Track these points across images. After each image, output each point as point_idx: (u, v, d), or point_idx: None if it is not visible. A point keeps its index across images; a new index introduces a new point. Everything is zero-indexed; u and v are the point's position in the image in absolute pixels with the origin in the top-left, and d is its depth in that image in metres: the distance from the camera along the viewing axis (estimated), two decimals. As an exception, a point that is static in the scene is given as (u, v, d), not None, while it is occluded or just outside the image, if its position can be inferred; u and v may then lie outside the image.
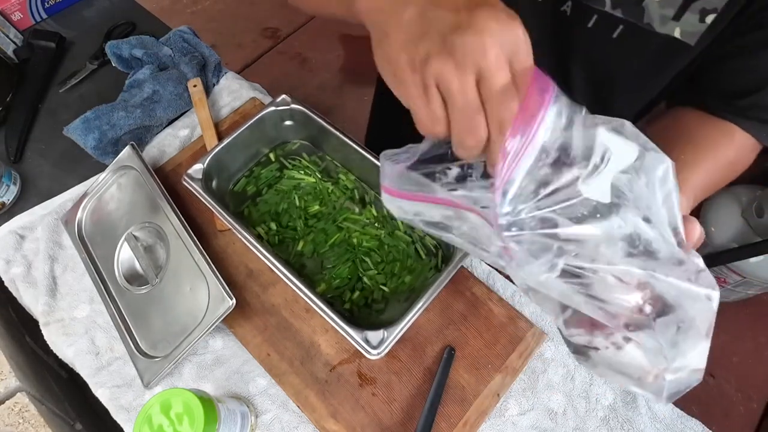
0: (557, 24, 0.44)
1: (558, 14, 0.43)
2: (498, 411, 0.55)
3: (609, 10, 0.40)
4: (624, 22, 0.40)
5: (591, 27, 0.42)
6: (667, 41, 0.40)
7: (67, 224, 0.66)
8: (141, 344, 0.57)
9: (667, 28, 0.39)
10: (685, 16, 0.38)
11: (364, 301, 0.59)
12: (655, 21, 0.39)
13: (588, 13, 0.41)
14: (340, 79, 2.04)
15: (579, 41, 0.44)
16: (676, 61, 0.42)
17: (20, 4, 0.86)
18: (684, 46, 0.39)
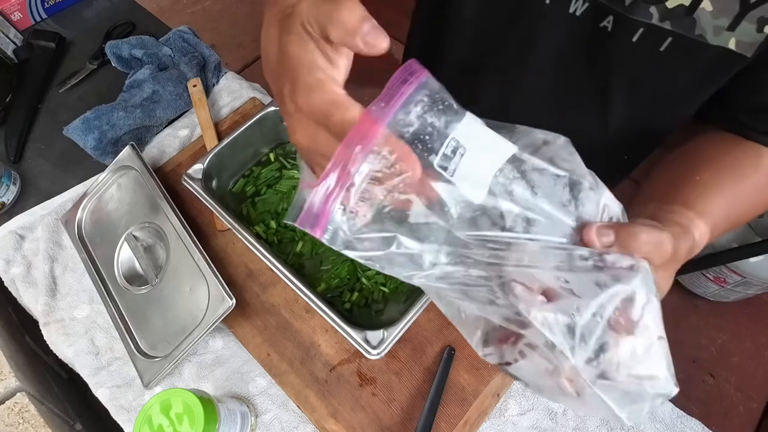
0: (597, 41, 0.42)
1: (598, 31, 0.41)
2: (498, 411, 0.55)
3: (657, 23, 0.38)
4: (673, 34, 0.38)
5: (636, 41, 0.40)
6: (720, 53, 0.37)
7: (67, 224, 0.66)
8: (141, 344, 0.57)
9: (720, 40, 0.37)
10: (741, 26, 0.35)
11: (364, 302, 0.59)
12: (708, 32, 0.37)
13: (633, 27, 0.39)
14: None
15: (621, 57, 0.42)
16: (726, 73, 0.40)
17: (20, 4, 0.86)
18: (739, 57, 0.37)
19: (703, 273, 1.38)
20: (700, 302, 1.50)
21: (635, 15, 0.38)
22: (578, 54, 0.44)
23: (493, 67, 0.50)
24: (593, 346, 0.24)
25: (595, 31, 0.41)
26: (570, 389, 0.25)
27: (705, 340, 1.45)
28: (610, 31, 0.40)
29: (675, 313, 1.48)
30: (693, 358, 1.43)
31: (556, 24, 0.42)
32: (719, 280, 1.36)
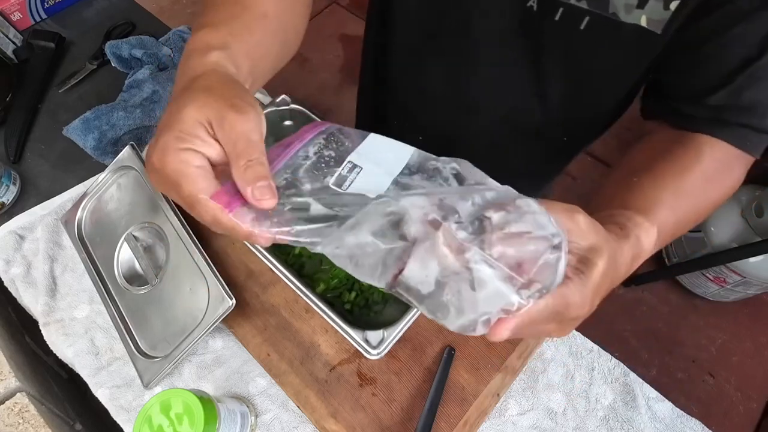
0: (526, 21, 0.44)
1: (525, 9, 0.43)
2: (498, 411, 0.55)
3: (574, 2, 0.40)
4: (589, 13, 0.40)
5: (558, 20, 0.42)
6: (634, 30, 0.40)
7: (67, 224, 0.66)
8: (141, 344, 0.57)
9: (632, 17, 0.39)
10: (650, 4, 0.38)
11: (364, 302, 0.59)
12: (620, 10, 0.39)
13: (554, 6, 0.41)
14: (340, 79, 2.04)
15: (548, 36, 0.44)
16: (645, 51, 0.42)
17: (20, 4, 0.86)
18: (651, 34, 0.39)
19: (703, 273, 1.38)
20: (700, 302, 1.50)
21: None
22: (512, 34, 0.46)
23: (436, 51, 0.52)
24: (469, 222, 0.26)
25: (524, 11, 0.43)
26: (454, 262, 0.25)
27: (705, 340, 1.46)
28: (535, 11, 0.43)
29: (675, 313, 1.49)
30: (693, 358, 1.43)
31: (489, 5, 0.45)
32: (719, 280, 1.36)
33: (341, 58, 2.10)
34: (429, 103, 0.59)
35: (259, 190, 0.28)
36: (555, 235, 0.26)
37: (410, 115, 0.64)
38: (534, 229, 0.26)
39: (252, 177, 0.28)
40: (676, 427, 0.54)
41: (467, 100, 0.56)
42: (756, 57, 0.38)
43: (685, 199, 0.40)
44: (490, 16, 0.45)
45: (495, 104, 0.55)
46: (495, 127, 0.58)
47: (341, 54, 2.11)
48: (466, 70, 0.53)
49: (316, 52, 2.11)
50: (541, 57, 0.46)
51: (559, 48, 0.45)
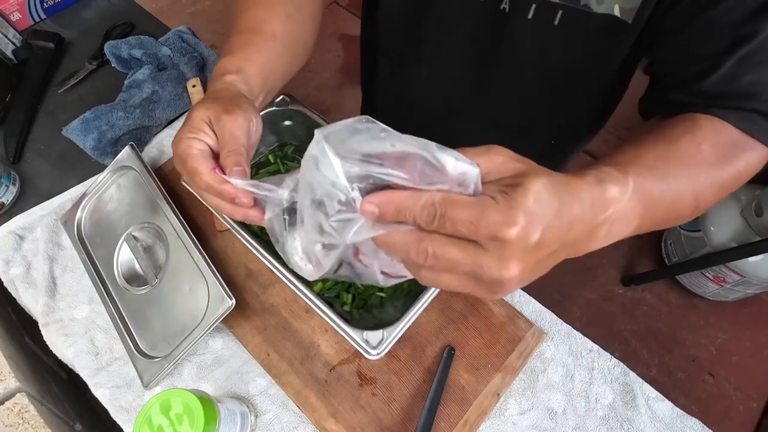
0: (500, 23, 0.44)
1: (498, 13, 0.44)
2: (498, 410, 0.55)
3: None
4: (562, 6, 0.41)
5: (531, 18, 0.42)
6: (606, 20, 0.40)
7: (67, 225, 0.66)
8: (140, 345, 0.57)
9: (604, 7, 0.39)
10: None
11: (362, 303, 0.59)
12: (591, 2, 0.39)
13: (526, 5, 0.42)
14: (340, 79, 2.04)
15: (523, 35, 0.44)
16: (619, 41, 0.42)
17: (19, 4, 0.86)
18: (623, 23, 0.40)
19: (702, 272, 1.38)
20: (699, 302, 1.50)
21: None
22: (488, 38, 0.47)
23: (418, 56, 0.54)
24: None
25: (497, 13, 0.44)
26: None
27: (705, 340, 1.46)
28: (507, 13, 0.43)
29: (675, 313, 1.49)
30: (693, 357, 1.43)
31: (465, 11, 0.46)
32: (719, 279, 1.36)
33: (341, 57, 2.10)
34: (413, 105, 0.60)
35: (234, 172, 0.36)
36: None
37: (396, 117, 0.65)
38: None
39: (230, 162, 0.36)
40: (676, 427, 0.54)
41: (449, 103, 0.57)
42: (748, 36, 0.35)
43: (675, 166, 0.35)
44: (465, 22, 0.46)
45: (477, 106, 0.55)
46: (479, 129, 0.58)
47: (341, 54, 2.11)
48: (447, 74, 0.53)
49: (316, 51, 2.09)
50: (518, 57, 0.47)
51: (534, 46, 0.45)
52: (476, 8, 0.45)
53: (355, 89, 2.08)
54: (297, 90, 2.22)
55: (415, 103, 0.60)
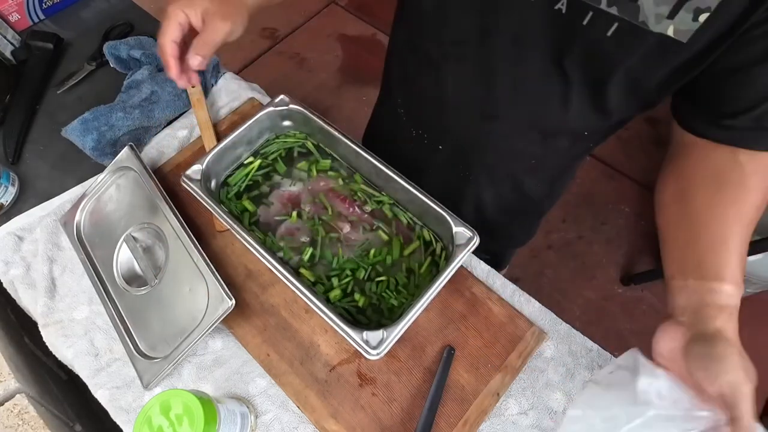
0: (552, 23, 0.44)
1: (552, 13, 0.43)
2: (498, 410, 0.55)
3: (604, 8, 0.40)
4: (619, 19, 0.40)
5: (586, 24, 0.42)
6: (661, 40, 0.40)
7: (66, 225, 0.66)
8: (140, 345, 0.57)
9: (661, 27, 0.39)
10: (680, 15, 0.38)
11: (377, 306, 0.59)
12: (650, 19, 0.39)
13: (583, 10, 0.41)
14: (339, 79, 2.04)
15: (574, 39, 0.44)
16: (669, 60, 0.42)
17: (18, 4, 0.85)
18: (677, 43, 0.40)
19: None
20: (699, 301, 1.50)
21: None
22: (535, 37, 0.46)
23: (456, 57, 0.52)
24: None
25: (551, 13, 0.43)
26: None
27: (704, 339, 1.46)
28: (564, 14, 0.42)
29: (674, 312, 1.49)
30: (692, 356, 1.43)
31: (512, 9, 0.44)
32: (718, 278, 1.36)
33: (340, 57, 2.10)
34: (443, 107, 0.59)
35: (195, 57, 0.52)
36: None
37: (430, 125, 0.63)
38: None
39: (198, 46, 0.52)
40: (676, 426, 0.54)
41: (486, 107, 0.55)
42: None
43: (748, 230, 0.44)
44: (515, 19, 0.45)
45: (516, 110, 0.54)
46: (517, 134, 0.57)
47: (340, 54, 2.11)
48: (485, 76, 0.52)
49: (315, 51, 2.11)
50: (564, 60, 0.46)
51: (582, 52, 0.45)
52: (526, 8, 0.44)
53: (355, 89, 2.08)
54: (296, 90, 2.22)
55: (445, 106, 0.58)
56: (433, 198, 0.59)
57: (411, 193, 0.60)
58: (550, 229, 1.67)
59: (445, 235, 0.59)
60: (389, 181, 0.62)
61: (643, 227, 1.67)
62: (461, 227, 0.56)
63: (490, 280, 0.62)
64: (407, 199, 0.62)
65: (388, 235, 0.62)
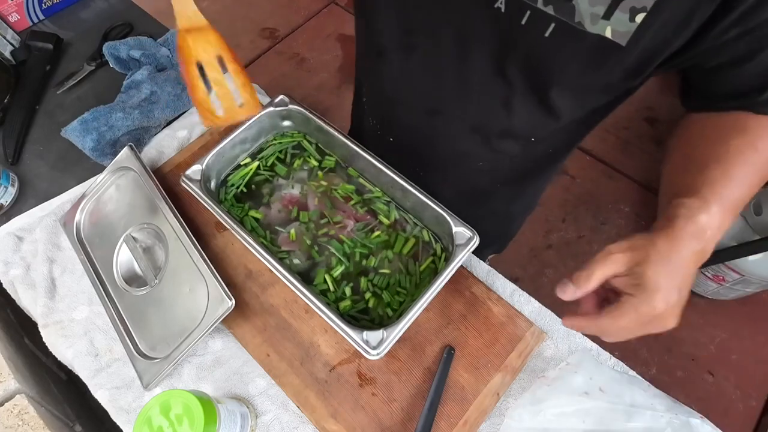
0: (493, 22, 0.43)
1: (492, 12, 0.42)
2: (498, 410, 0.55)
3: (541, 7, 0.39)
4: (555, 20, 0.40)
5: (524, 24, 0.41)
6: (598, 40, 0.39)
7: (66, 226, 0.66)
8: (140, 345, 0.57)
9: (597, 28, 0.38)
10: (615, 15, 0.37)
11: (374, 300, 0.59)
12: (585, 20, 0.38)
13: (521, 9, 0.41)
14: (338, 79, 2.04)
15: (515, 41, 0.43)
16: (609, 62, 0.41)
17: (17, 5, 0.85)
18: (615, 46, 0.39)
19: (702, 271, 1.38)
20: (699, 300, 1.50)
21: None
22: (478, 37, 0.45)
23: (404, 49, 0.52)
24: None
25: (491, 12, 0.42)
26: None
27: (704, 339, 1.46)
28: (503, 13, 0.42)
29: (674, 312, 1.49)
30: (692, 356, 1.43)
31: (455, 5, 0.44)
32: (718, 278, 1.36)
33: (339, 57, 2.10)
34: (398, 104, 0.59)
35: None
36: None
37: (382, 116, 0.64)
38: None
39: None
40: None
41: (433, 103, 0.55)
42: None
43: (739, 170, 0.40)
44: (458, 16, 0.45)
45: (459, 109, 0.54)
46: (462, 134, 0.57)
47: (339, 54, 2.11)
48: (431, 72, 0.52)
49: (315, 51, 2.11)
50: (506, 60, 0.46)
51: (522, 54, 0.44)
52: (469, 6, 0.43)
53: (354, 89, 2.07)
54: (295, 90, 2.22)
55: (393, 98, 0.59)
56: (433, 198, 0.59)
57: (411, 194, 0.60)
58: (550, 229, 1.67)
59: (445, 235, 0.59)
60: (389, 182, 0.62)
61: (643, 227, 1.67)
62: (461, 227, 0.56)
63: (490, 280, 0.62)
64: (407, 199, 0.62)
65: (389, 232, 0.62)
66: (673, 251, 0.36)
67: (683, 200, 0.38)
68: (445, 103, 0.54)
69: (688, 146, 0.45)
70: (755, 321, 1.48)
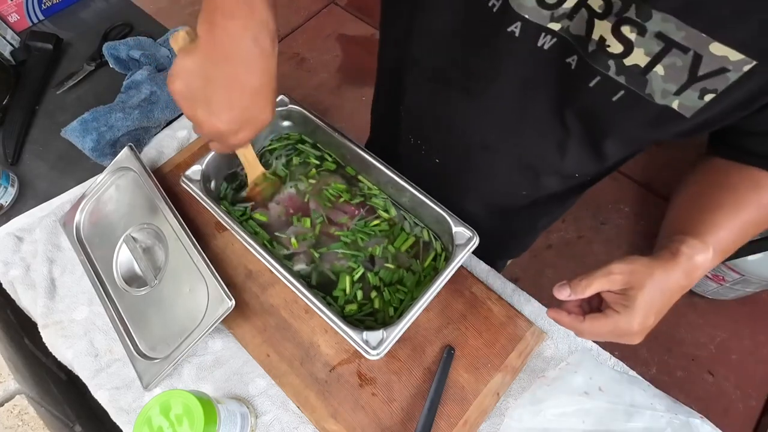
0: (560, 74, 0.43)
1: (563, 65, 0.43)
2: (498, 410, 0.55)
3: (613, 75, 0.40)
4: (625, 88, 0.40)
5: (592, 87, 0.42)
6: (663, 110, 0.40)
7: (66, 226, 0.66)
8: (140, 346, 0.57)
9: (666, 101, 0.39)
10: (686, 93, 0.38)
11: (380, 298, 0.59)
12: (656, 93, 0.39)
13: (591, 73, 0.41)
14: (338, 79, 2.04)
15: (578, 95, 0.44)
16: (669, 127, 0.42)
17: (17, 5, 0.85)
18: (679, 116, 0.40)
19: (701, 271, 1.38)
20: (698, 300, 1.50)
21: (594, 63, 0.40)
22: (542, 84, 0.46)
23: (459, 84, 0.52)
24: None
25: (561, 65, 0.43)
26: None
27: (704, 338, 1.46)
28: (573, 69, 0.42)
29: (674, 311, 1.48)
30: (692, 356, 1.43)
31: (522, 55, 0.44)
32: (718, 278, 1.36)
33: (339, 57, 2.10)
34: (447, 131, 0.59)
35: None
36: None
37: (428, 139, 0.63)
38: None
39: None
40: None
41: (486, 139, 0.55)
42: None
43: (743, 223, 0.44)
44: (527, 64, 0.45)
45: (514, 148, 0.55)
46: (513, 170, 0.58)
47: (339, 54, 2.11)
48: (484, 112, 0.52)
49: (314, 51, 2.11)
50: (565, 109, 0.46)
51: (584, 108, 0.45)
52: (536, 56, 0.43)
53: (354, 89, 2.08)
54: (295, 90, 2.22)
55: (446, 127, 0.58)
56: (432, 198, 0.59)
57: (411, 193, 0.60)
58: (550, 229, 1.67)
59: (445, 235, 0.59)
60: (389, 182, 0.62)
61: (643, 227, 1.67)
62: (461, 227, 0.56)
63: (490, 280, 0.62)
64: (407, 199, 0.62)
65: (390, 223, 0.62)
66: (665, 283, 0.41)
67: (687, 239, 0.42)
68: (500, 140, 0.55)
69: (703, 186, 0.48)
70: (755, 321, 1.48)
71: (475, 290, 0.60)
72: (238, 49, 0.40)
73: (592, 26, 0.38)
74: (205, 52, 0.41)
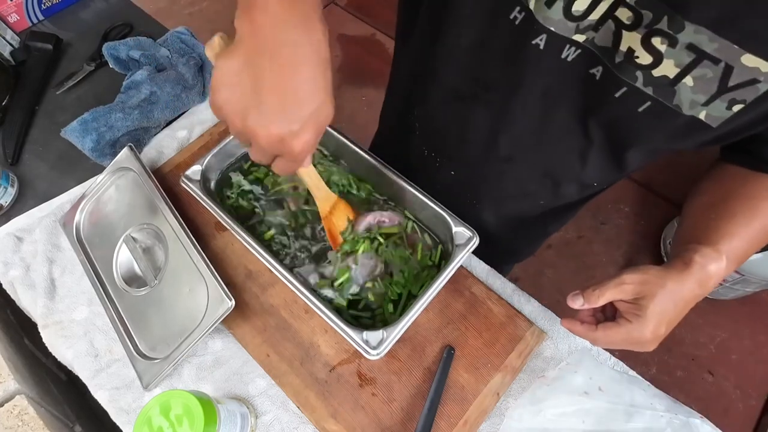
0: (584, 85, 0.43)
1: (588, 77, 0.42)
2: (498, 410, 0.55)
3: (640, 86, 0.40)
4: (652, 99, 0.40)
5: (618, 97, 0.42)
6: (690, 120, 0.40)
7: (65, 226, 0.66)
8: (140, 346, 0.57)
9: (693, 111, 0.39)
10: (714, 103, 0.38)
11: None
12: (684, 104, 0.39)
13: (617, 83, 0.41)
14: (339, 79, 2.04)
15: (603, 106, 0.44)
16: (695, 137, 0.42)
17: (17, 5, 0.85)
18: (705, 126, 0.40)
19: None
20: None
21: (621, 74, 0.40)
22: (565, 95, 0.45)
23: (483, 99, 0.51)
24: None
25: (585, 75, 0.43)
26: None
27: (704, 338, 1.46)
28: (597, 80, 0.42)
29: (674, 312, 1.49)
30: (692, 356, 1.43)
31: (546, 67, 0.44)
32: (718, 278, 1.36)
33: (340, 58, 2.10)
34: (464, 143, 0.58)
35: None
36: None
37: (441, 150, 0.63)
38: None
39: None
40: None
41: (505, 150, 0.55)
42: None
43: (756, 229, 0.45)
44: (550, 75, 0.44)
45: (534, 157, 0.55)
46: (533, 179, 0.58)
47: (340, 54, 2.11)
48: (508, 126, 0.52)
49: (314, 52, 2.11)
50: (589, 120, 0.46)
51: (608, 118, 0.45)
52: (561, 68, 0.43)
53: (354, 89, 2.07)
54: (296, 90, 2.18)
55: (464, 139, 0.58)
56: (432, 197, 0.59)
57: (410, 193, 0.60)
58: (549, 229, 1.67)
59: (445, 235, 0.59)
60: (389, 181, 0.62)
61: (643, 227, 1.67)
62: (461, 227, 0.56)
63: (490, 280, 0.62)
64: (407, 199, 0.62)
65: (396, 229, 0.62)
66: (678, 293, 0.41)
67: (701, 248, 0.43)
68: (519, 150, 0.55)
69: (717, 194, 0.49)
70: (755, 321, 1.48)
71: (475, 290, 0.60)
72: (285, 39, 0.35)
73: (620, 37, 0.38)
74: (249, 47, 0.35)
